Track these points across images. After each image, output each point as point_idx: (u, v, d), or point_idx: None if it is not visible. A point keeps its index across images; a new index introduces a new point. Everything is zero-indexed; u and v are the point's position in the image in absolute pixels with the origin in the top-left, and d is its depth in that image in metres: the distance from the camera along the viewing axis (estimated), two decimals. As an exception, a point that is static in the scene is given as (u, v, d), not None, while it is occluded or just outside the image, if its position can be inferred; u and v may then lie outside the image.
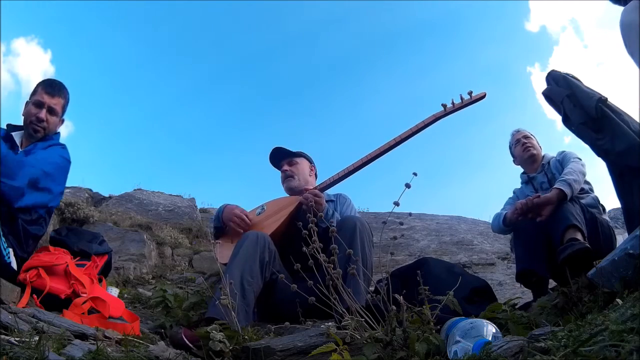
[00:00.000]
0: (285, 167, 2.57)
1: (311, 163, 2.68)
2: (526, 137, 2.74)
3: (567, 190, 2.22)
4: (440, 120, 2.49)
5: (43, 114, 2.14)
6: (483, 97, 2.51)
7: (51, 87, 2.20)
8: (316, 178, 2.67)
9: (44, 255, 1.96)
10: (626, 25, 1.54)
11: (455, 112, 2.49)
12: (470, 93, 2.48)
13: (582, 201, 2.29)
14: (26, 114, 2.17)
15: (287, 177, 2.55)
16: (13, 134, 2.15)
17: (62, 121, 2.28)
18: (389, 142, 2.47)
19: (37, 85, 2.21)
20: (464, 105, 2.48)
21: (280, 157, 2.63)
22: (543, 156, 2.70)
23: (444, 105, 2.47)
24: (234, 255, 1.99)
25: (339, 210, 2.49)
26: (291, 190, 2.53)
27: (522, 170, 2.79)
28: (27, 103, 2.20)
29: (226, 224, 2.46)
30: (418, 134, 2.48)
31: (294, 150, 2.65)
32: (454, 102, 2.48)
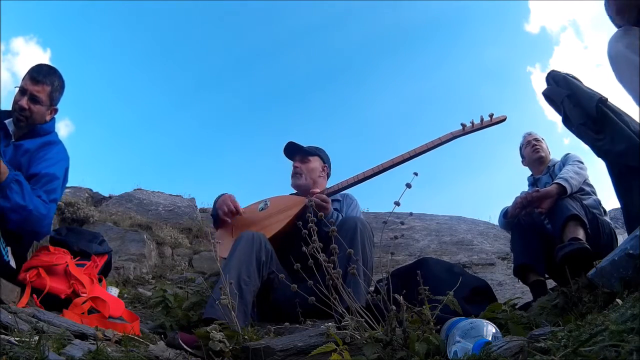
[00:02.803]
0: (297, 164, 2.58)
1: (324, 162, 2.65)
2: (536, 139, 2.87)
3: (565, 185, 2.27)
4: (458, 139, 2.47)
5: (24, 102, 1.97)
6: (503, 120, 2.48)
7: (37, 72, 2.01)
8: (328, 177, 2.66)
9: (43, 255, 1.95)
10: (612, 56, 1.55)
11: (474, 132, 2.46)
12: (491, 115, 2.45)
13: (584, 202, 2.32)
14: (12, 102, 2.02)
15: (295, 174, 2.56)
16: (6, 122, 2.03)
17: (55, 110, 2.10)
18: (402, 155, 2.45)
19: (27, 70, 2.05)
20: (483, 126, 2.46)
21: (295, 152, 2.63)
22: (550, 160, 2.80)
23: (463, 125, 2.45)
24: (230, 256, 1.99)
25: (344, 210, 2.49)
26: (296, 187, 2.54)
27: (529, 172, 2.90)
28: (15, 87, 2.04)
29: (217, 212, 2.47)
30: (434, 150, 2.45)
31: (309, 147, 2.64)
32: (474, 122, 2.45)
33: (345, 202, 2.55)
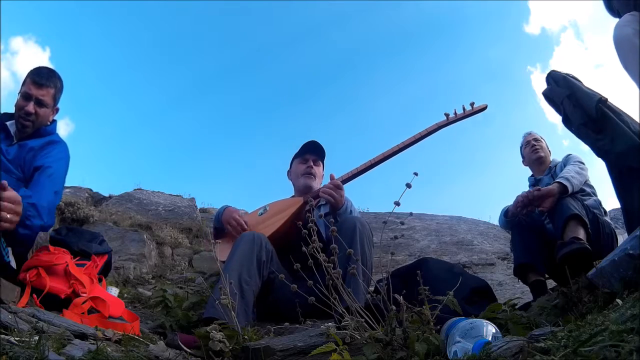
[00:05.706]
0: (312, 165, 2.57)
1: (323, 170, 2.69)
2: (536, 139, 2.86)
3: (567, 184, 2.27)
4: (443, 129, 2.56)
5: (31, 107, 2.02)
6: (484, 108, 2.59)
7: (39, 76, 2.05)
8: None
9: (43, 255, 1.95)
10: (618, 39, 1.54)
11: (458, 122, 2.56)
12: (472, 104, 2.56)
13: (585, 202, 2.32)
14: (16, 107, 2.06)
15: (309, 175, 2.54)
16: (8, 123, 2.07)
17: (57, 110, 2.16)
18: (392, 148, 2.53)
19: (27, 74, 2.08)
20: (465, 115, 2.56)
21: (314, 151, 2.62)
22: (551, 160, 2.79)
23: (447, 115, 2.54)
24: (231, 256, 1.99)
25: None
26: (306, 188, 2.53)
27: (529, 172, 2.89)
28: (18, 94, 2.09)
29: (224, 226, 2.46)
30: (420, 142, 2.55)
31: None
32: (457, 112, 2.54)
33: None
